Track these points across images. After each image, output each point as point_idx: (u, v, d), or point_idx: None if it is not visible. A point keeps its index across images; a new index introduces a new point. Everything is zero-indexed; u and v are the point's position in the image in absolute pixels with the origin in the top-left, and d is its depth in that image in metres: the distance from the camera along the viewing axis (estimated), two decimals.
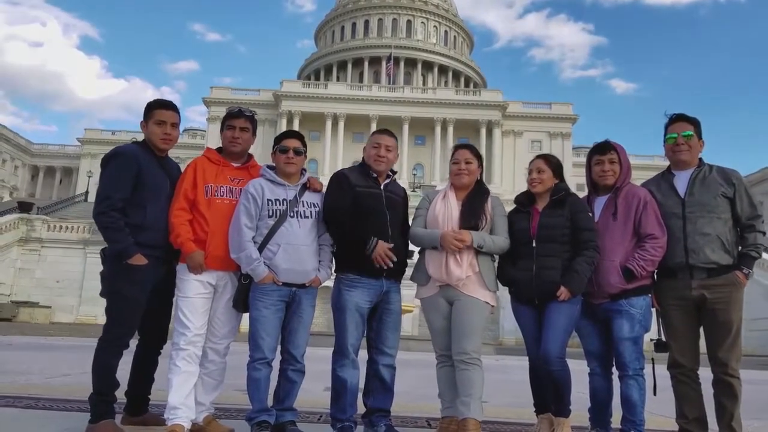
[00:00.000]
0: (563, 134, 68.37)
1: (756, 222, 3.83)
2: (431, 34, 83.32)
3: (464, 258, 3.85)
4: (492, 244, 3.91)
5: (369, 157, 4.07)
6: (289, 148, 3.92)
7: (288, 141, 3.96)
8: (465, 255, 3.86)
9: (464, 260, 3.85)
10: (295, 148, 3.93)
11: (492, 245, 3.91)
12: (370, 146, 4.09)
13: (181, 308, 3.78)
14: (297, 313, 3.85)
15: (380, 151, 4.04)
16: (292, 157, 3.92)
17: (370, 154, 4.07)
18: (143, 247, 3.72)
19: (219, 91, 68.06)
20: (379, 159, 4.04)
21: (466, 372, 3.77)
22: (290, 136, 4.00)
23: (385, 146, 4.06)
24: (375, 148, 4.06)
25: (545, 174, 4.04)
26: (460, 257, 3.84)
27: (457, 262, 3.84)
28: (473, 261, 3.88)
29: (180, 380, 3.67)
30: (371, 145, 4.09)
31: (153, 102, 4.03)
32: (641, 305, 3.83)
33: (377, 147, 4.06)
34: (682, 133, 3.92)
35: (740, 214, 3.83)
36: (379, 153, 4.04)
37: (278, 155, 3.94)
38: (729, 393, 3.73)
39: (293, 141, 3.96)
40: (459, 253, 3.84)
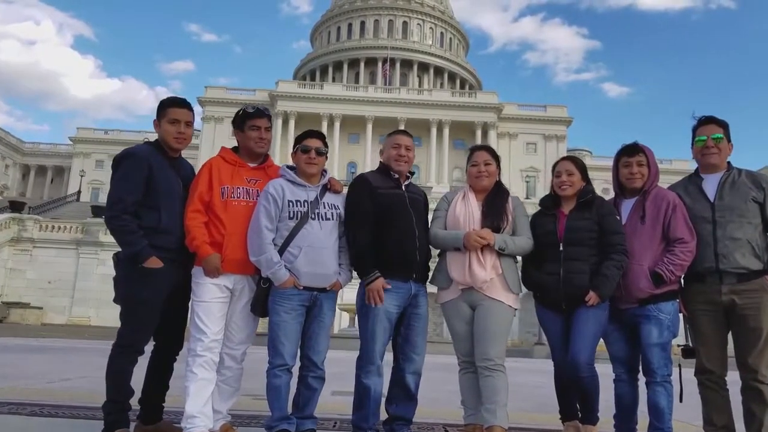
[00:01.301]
0: (558, 137, 68.53)
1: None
2: (427, 35, 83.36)
3: (487, 260, 3.77)
4: (514, 246, 3.83)
5: (389, 158, 3.99)
6: (311, 148, 3.82)
7: (310, 141, 3.85)
8: (488, 256, 3.77)
9: (488, 262, 3.76)
10: (317, 148, 3.83)
11: (514, 247, 3.83)
12: (390, 147, 4.01)
13: (197, 313, 3.66)
14: (318, 318, 3.75)
15: (401, 151, 3.98)
16: (314, 157, 3.82)
17: (390, 155, 3.99)
18: (158, 250, 3.61)
19: (214, 91, 67.79)
20: (400, 159, 3.97)
21: (490, 378, 3.69)
22: (312, 136, 3.90)
23: (405, 146, 4.00)
24: (395, 149, 3.99)
25: (575, 176, 3.96)
26: (484, 259, 3.75)
27: (481, 264, 3.75)
28: (496, 263, 3.79)
29: (197, 388, 3.55)
30: (391, 146, 4.01)
31: (166, 100, 3.91)
32: (670, 310, 3.75)
33: (397, 147, 3.99)
34: (711, 135, 3.84)
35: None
36: (400, 153, 3.98)
37: (299, 155, 3.83)
38: (759, 400, 3.65)
39: (315, 141, 3.86)
40: (482, 254, 3.75)
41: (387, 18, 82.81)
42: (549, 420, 5.15)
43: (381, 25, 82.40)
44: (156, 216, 3.65)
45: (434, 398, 5.84)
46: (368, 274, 3.73)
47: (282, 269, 3.62)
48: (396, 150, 3.98)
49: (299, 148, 3.84)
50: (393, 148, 3.99)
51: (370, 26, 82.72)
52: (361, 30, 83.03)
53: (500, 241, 3.77)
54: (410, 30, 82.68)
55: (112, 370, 3.60)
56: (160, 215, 3.66)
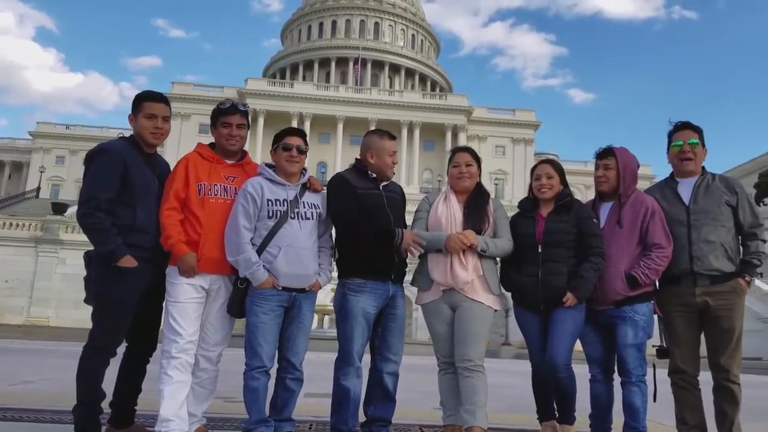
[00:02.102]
0: (526, 140, 69.51)
1: (758, 230, 3.85)
2: (399, 37, 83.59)
3: (469, 261, 3.78)
4: (495, 248, 3.85)
5: (386, 166, 3.96)
6: (292, 146, 3.76)
7: (291, 138, 3.79)
8: (470, 258, 3.78)
9: (469, 263, 3.77)
10: (298, 146, 3.77)
11: (495, 249, 3.85)
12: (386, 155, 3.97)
13: (171, 314, 3.57)
14: (297, 319, 3.70)
15: (395, 159, 3.99)
16: (296, 155, 3.76)
17: (386, 163, 3.96)
18: (133, 248, 3.51)
19: (180, 87, 66.77)
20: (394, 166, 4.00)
21: (469, 379, 3.69)
22: (293, 134, 3.84)
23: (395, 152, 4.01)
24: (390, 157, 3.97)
25: (554, 180, 3.99)
26: (465, 260, 3.76)
27: (463, 265, 3.76)
28: (477, 264, 3.81)
29: (172, 390, 3.47)
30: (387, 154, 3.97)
31: (142, 94, 3.81)
32: (645, 312, 3.81)
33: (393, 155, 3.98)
34: (688, 140, 3.92)
35: (743, 223, 3.84)
36: (394, 160, 3.99)
37: (280, 153, 3.77)
38: (730, 399, 3.74)
39: (296, 138, 3.80)
40: (464, 255, 3.76)
41: (359, 18, 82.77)
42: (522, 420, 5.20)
43: (353, 25, 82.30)
44: (131, 214, 3.56)
45: (408, 399, 5.82)
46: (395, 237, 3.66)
47: (261, 269, 3.56)
48: (392, 158, 3.97)
49: (280, 145, 3.77)
50: (389, 156, 3.96)
51: (342, 26, 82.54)
52: (332, 29, 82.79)
53: (482, 243, 3.78)
54: (382, 31, 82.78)
55: (83, 372, 3.49)
56: (135, 213, 3.56)
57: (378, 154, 3.96)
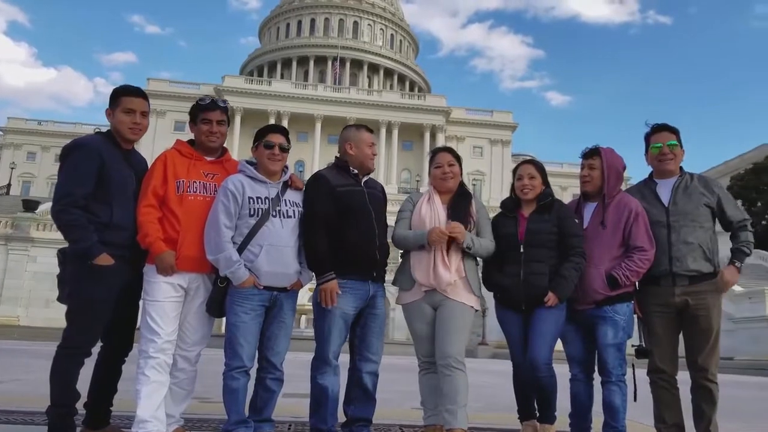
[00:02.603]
0: (503, 141, 70.09)
1: (746, 223, 3.88)
2: (378, 36, 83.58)
3: (452, 261, 3.77)
4: (480, 246, 3.84)
5: (365, 157, 3.92)
6: (275, 144, 3.70)
7: (273, 136, 3.73)
8: (453, 258, 3.78)
9: (452, 264, 3.76)
10: (280, 144, 3.72)
11: (480, 247, 3.84)
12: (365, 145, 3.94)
13: (149, 313, 3.50)
14: (278, 318, 3.65)
15: (374, 150, 3.95)
16: (278, 153, 3.70)
17: (365, 154, 3.92)
18: (109, 246, 3.44)
19: (156, 84, 65.93)
20: (374, 157, 3.95)
21: (450, 378, 3.67)
22: (275, 131, 3.78)
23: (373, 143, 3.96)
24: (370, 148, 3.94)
25: (536, 180, 4.00)
26: (449, 260, 3.75)
27: (446, 266, 3.75)
28: (460, 265, 3.80)
29: (149, 391, 3.40)
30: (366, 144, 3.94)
31: (120, 88, 3.73)
32: (625, 312, 3.83)
33: (371, 146, 3.95)
34: (667, 142, 3.95)
35: (731, 218, 3.87)
36: (374, 152, 3.94)
37: (262, 150, 3.71)
38: (708, 398, 3.78)
39: (279, 136, 3.75)
40: (447, 255, 3.75)
41: (337, 17, 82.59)
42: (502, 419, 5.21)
43: (331, 24, 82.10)
44: (108, 210, 3.48)
45: (386, 399, 5.80)
46: (323, 274, 3.66)
47: (242, 268, 3.50)
48: (371, 149, 3.93)
49: (262, 143, 3.72)
50: (368, 147, 3.93)
51: (321, 24, 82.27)
52: (311, 27, 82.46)
53: (468, 239, 3.77)
54: (361, 30, 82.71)
55: (57, 372, 3.40)
56: (112, 210, 3.49)
57: (357, 145, 3.93)
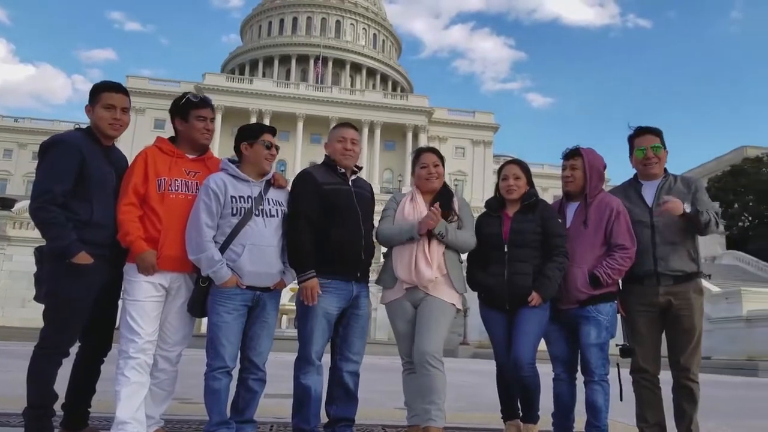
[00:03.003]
0: (485, 142, 70.44)
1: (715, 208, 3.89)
2: (360, 36, 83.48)
3: (434, 257, 3.76)
4: (454, 237, 3.81)
5: (335, 152, 3.89)
6: (272, 144, 3.67)
7: (269, 136, 3.70)
8: (435, 254, 3.77)
9: (434, 260, 3.75)
10: (276, 145, 3.71)
11: (454, 238, 3.81)
12: (335, 141, 3.90)
13: (129, 313, 3.44)
14: (261, 318, 3.61)
15: (346, 145, 3.87)
16: (275, 154, 3.69)
17: (336, 149, 3.88)
18: (88, 245, 3.38)
19: (136, 81, 65.16)
20: (346, 152, 3.87)
21: (426, 376, 3.65)
22: (269, 131, 3.73)
23: (350, 139, 3.89)
24: (340, 143, 3.88)
25: (521, 180, 4.01)
26: (430, 256, 3.74)
27: (428, 262, 3.74)
28: (442, 262, 3.79)
29: (129, 392, 3.34)
30: (336, 140, 3.90)
31: (100, 84, 3.68)
32: (608, 311, 3.85)
33: (342, 141, 3.88)
34: (651, 146, 3.97)
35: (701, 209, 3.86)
36: (346, 147, 3.87)
37: (260, 149, 3.65)
38: (689, 397, 3.81)
39: (273, 137, 3.72)
40: (429, 251, 3.74)
41: (320, 16, 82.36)
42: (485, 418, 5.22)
43: (314, 23, 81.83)
44: (87, 208, 3.42)
45: (368, 399, 5.79)
46: (304, 272, 3.63)
47: (224, 268, 3.46)
48: (341, 144, 3.87)
49: (262, 142, 3.66)
50: (338, 142, 3.88)
51: (303, 23, 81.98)
52: (293, 26, 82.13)
53: (441, 227, 3.75)
54: (343, 29, 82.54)
55: (34, 373, 3.34)
56: (91, 207, 3.43)
57: (330, 142, 3.92)
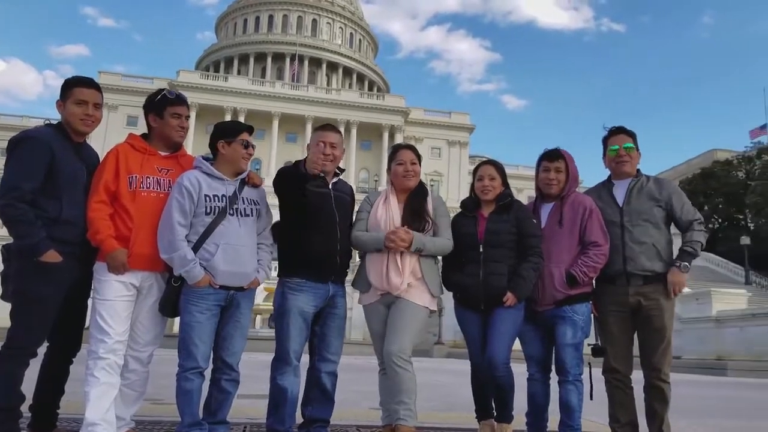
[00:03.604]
0: (461, 143, 70.81)
1: (695, 223, 3.95)
2: (337, 35, 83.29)
3: (406, 265, 3.74)
4: (433, 246, 3.82)
5: (312, 162, 3.81)
6: (250, 144, 3.63)
7: (247, 135, 3.65)
8: (407, 261, 3.75)
9: (406, 267, 3.74)
10: (253, 145, 3.66)
11: (433, 247, 3.82)
12: (314, 144, 3.87)
13: (99, 312, 3.37)
14: (234, 318, 3.57)
15: (326, 150, 3.82)
16: (252, 153, 3.64)
17: (314, 158, 3.82)
18: (58, 243, 3.31)
19: (108, 77, 63.96)
20: (325, 157, 3.82)
21: (394, 376, 3.65)
22: (248, 131, 3.68)
23: (329, 143, 3.85)
24: (319, 147, 3.84)
25: (497, 181, 4.02)
26: (402, 263, 3.73)
27: (398, 270, 3.72)
28: (416, 267, 3.78)
29: (99, 393, 3.28)
30: (315, 144, 3.87)
31: (71, 79, 3.61)
32: (583, 312, 3.88)
33: (322, 146, 3.84)
34: (623, 145, 4.03)
35: (681, 218, 3.94)
36: (324, 151, 3.82)
37: (238, 148, 3.60)
38: (660, 397, 3.86)
39: (249, 136, 3.67)
40: (401, 259, 3.73)
41: (296, 14, 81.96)
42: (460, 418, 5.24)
43: (290, 21, 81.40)
44: (57, 206, 3.35)
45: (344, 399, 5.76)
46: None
47: (197, 267, 3.41)
48: (317, 147, 3.82)
49: (240, 141, 3.60)
50: (316, 145, 3.85)
51: (279, 21, 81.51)
52: (269, 24, 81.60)
53: (417, 242, 3.74)
54: (320, 28, 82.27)
55: (1, 374, 3.26)
56: (61, 205, 3.36)
57: (310, 144, 3.90)
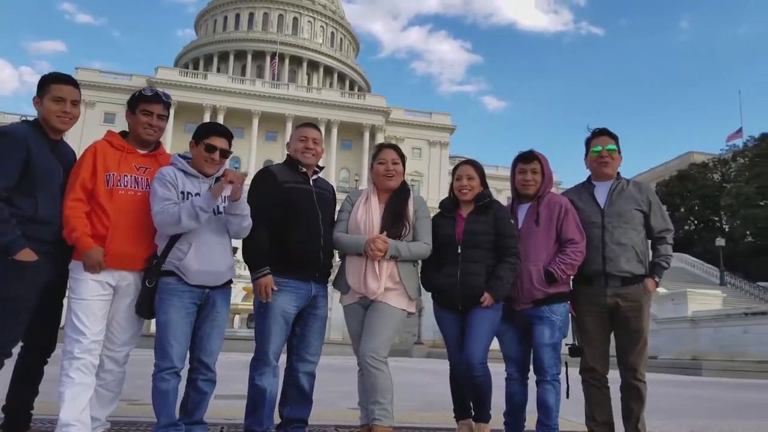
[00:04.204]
0: (442, 143, 71.06)
1: (667, 235, 4.05)
2: (318, 33, 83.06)
3: (383, 269, 3.74)
4: (409, 253, 3.80)
5: (296, 151, 3.88)
6: (216, 149, 3.55)
7: (217, 140, 3.56)
8: (385, 266, 3.74)
9: (383, 272, 3.73)
10: (222, 150, 3.57)
11: (409, 254, 3.81)
12: (297, 140, 3.90)
13: (75, 312, 3.33)
14: (211, 317, 3.53)
15: (308, 144, 3.86)
16: (217, 159, 3.56)
17: (297, 148, 3.88)
18: (33, 241, 3.26)
19: (85, 73, 63.12)
20: (308, 151, 3.85)
21: (369, 375, 3.65)
22: (219, 134, 3.59)
23: (312, 139, 3.88)
24: (302, 141, 3.87)
25: (475, 181, 4.03)
26: (379, 269, 3.72)
27: (375, 275, 3.72)
28: (394, 271, 3.78)
29: (74, 393, 3.24)
30: (298, 139, 3.89)
31: (49, 75, 3.56)
32: (561, 312, 3.92)
33: (304, 140, 3.88)
34: (606, 147, 4.08)
35: (653, 227, 4.03)
36: (307, 146, 3.85)
37: (201, 151, 3.55)
38: (636, 397, 3.91)
39: (222, 141, 3.58)
40: (379, 264, 3.72)
41: (277, 12, 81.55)
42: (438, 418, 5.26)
43: (270, 19, 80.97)
44: (32, 204, 3.30)
45: (322, 399, 5.76)
46: (258, 269, 3.59)
47: (207, 194, 3.39)
48: (303, 143, 3.86)
49: (204, 145, 3.54)
50: (300, 141, 3.87)
51: (259, 19, 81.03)
52: (249, 21, 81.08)
53: (393, 249, 3.73)
54: (301, 27, 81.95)
55: None
56: (37, 203, 3.31)
57: (292, 140, 3.91)
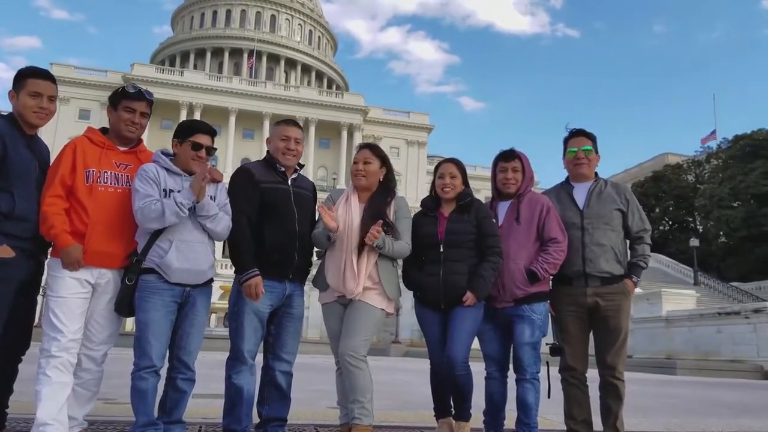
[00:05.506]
0: (420, 143, 71.15)
1: (645, 235, 4.11)
2: (295, 31, 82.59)
3: (362, 270, 3.72)
4: (392, 249, 3.79)
5: (276, 150, 3.82)
6: (203, 146, 3.53)
7: (203, 138, 3.54)
8: (363, 266, 3.73)
9: (362, 272, 3.72)
10: (208, 148, 3.55)
11: (392, 249, 3.80)
12: (278, 138, 3.83)
13: (52, 309, 3.27)
14: (190, 316, 3.50)
15: (290, 144, 3.82)
16: (204, 157, 3.53)
17: (278, 147, 3.82)
18: (9, 238, 3.20)
19: (60, 69, 61.71)
20: (288, 152, 3.81)
21: (348, 375, 3.65)
22: (204, 131, 3.56)
23: (294, 139, 3.84)
24: (284, 141, 3.82)
25: (457, 179, 4.04)
26: (358, 268, 3.71)
27: (354, 275, 3.71)
28: (373, 272, 3.77)
29: (51, 392, 3.18)
30: (279, 137, 3.83)
31: (25, 69, 3.49)
32: (542, 311, 3.95)
33: (286, 140, 3.82)
34: (582, 147, 4.12)
35: (631, 227, 4.08)
36: (289, 146, 3.81)
37: (187, 150, 3.51)
38: (615, 395, 3.96)
39: (208, 138, 3.56)
40: (357, 263, 3.71)
41: (254, 9, 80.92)
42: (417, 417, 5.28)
43: (248, 16, 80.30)
44: (8, 200, 3.24)
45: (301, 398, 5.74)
46: (246, 270, 3.56)
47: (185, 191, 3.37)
48: (285, 142, 3.81)
49: (190, 143, 3.51)
50: (282, 140, 3.81)
51: (237, 16, 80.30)
52: (226, 18, 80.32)
53: (381, 239, 3.72)
54: (278, 24, 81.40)
55: None
56: (13, 199, 3.25)
57: (272, 138, 3.86)
